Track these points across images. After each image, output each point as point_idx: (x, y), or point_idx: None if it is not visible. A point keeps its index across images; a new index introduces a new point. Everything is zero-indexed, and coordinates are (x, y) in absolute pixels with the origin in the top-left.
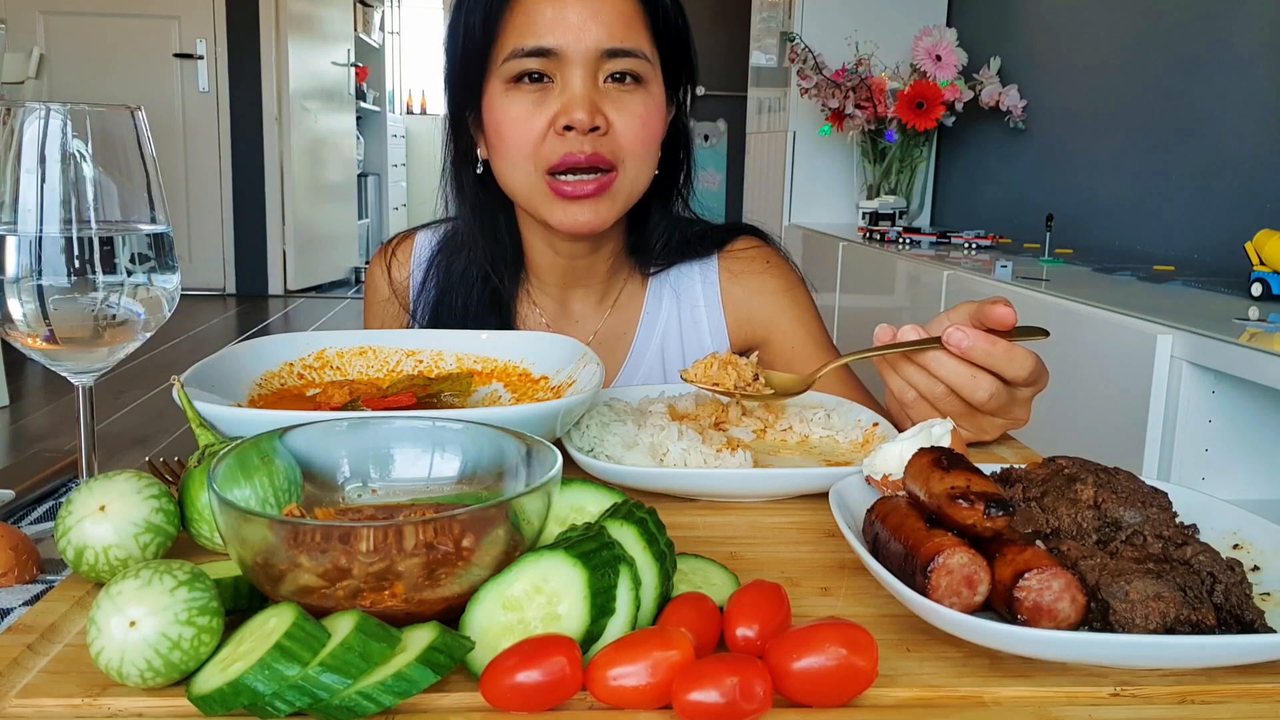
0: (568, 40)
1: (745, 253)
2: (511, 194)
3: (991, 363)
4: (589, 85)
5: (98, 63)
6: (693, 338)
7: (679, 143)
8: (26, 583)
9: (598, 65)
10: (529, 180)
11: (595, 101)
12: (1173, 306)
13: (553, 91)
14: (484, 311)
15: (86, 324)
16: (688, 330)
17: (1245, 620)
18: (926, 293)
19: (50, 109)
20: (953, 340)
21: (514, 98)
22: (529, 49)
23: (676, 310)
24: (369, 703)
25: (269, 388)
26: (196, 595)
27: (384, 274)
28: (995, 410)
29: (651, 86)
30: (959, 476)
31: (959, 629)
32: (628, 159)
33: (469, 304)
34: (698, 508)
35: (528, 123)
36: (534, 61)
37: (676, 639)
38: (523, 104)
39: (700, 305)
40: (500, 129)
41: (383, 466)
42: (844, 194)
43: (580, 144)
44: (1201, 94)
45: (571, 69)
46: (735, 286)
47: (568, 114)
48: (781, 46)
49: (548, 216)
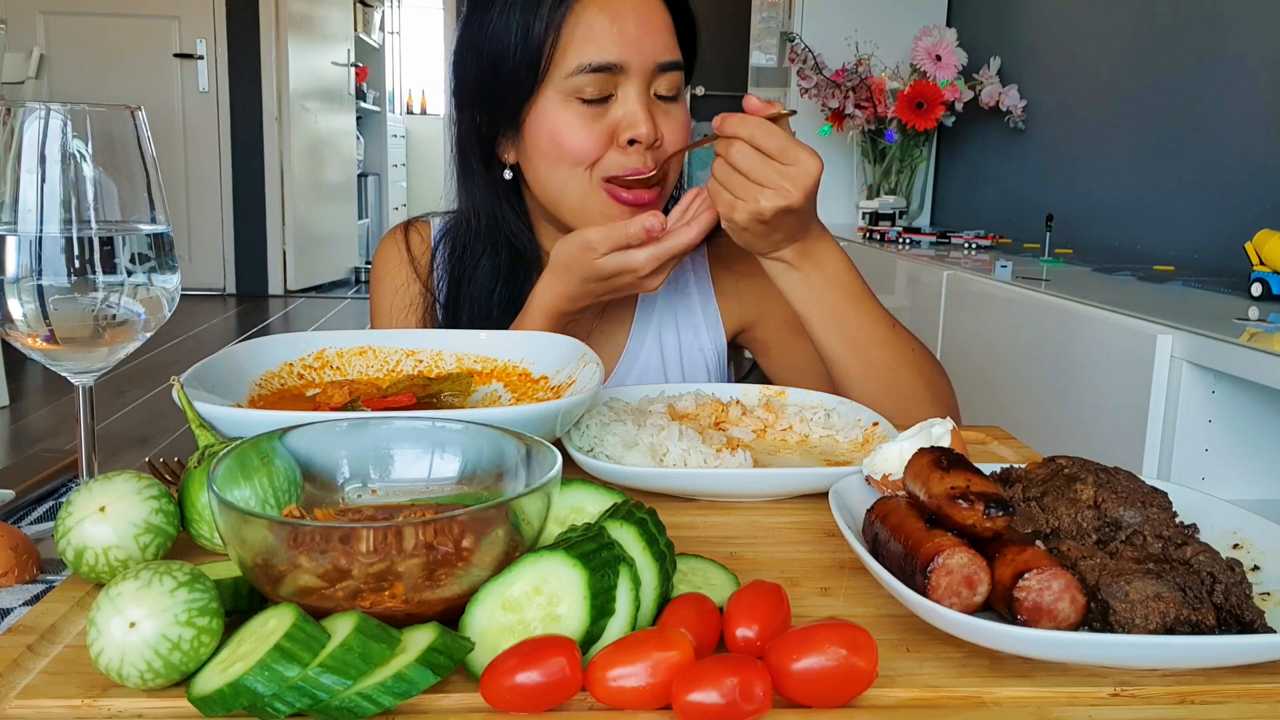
0: (629, 54)
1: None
2: (553, 200)
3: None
4: (646, 98)
5: (98, 63)
6: (688, 323)
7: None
8: (26, 583)
9: (652, 78)
10: (584, 189)
11: (654, 115)
12: (1173, 306)
13: (612, 103)
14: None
15: (86, 324)
16: (682, 315)
17: (1245, 620)
18: (926, 293)
19: (50, 109)
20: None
21: (574, 109)
22: (596, 64)
23: (671, 304)
24: (369, 704)
25: (269, 388)
26: (196, 596)
27: (400, 251)
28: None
29: (683, 94)
30: (959, 476)
31: (959, 629)
32: (671, 169)
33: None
34: (698, 508)
35: (588, 133)
36: (600, 77)
37: (676, 639)
38: (584, 116)
39: (694, 294)
40: (558, 138)
41: (383, 467)
42: (844, 194)
43: (644, 158)
44: (1201, 94)
45: (630, 83)
46: (726, 273)
47: (632, 129)
48: (781, 46)
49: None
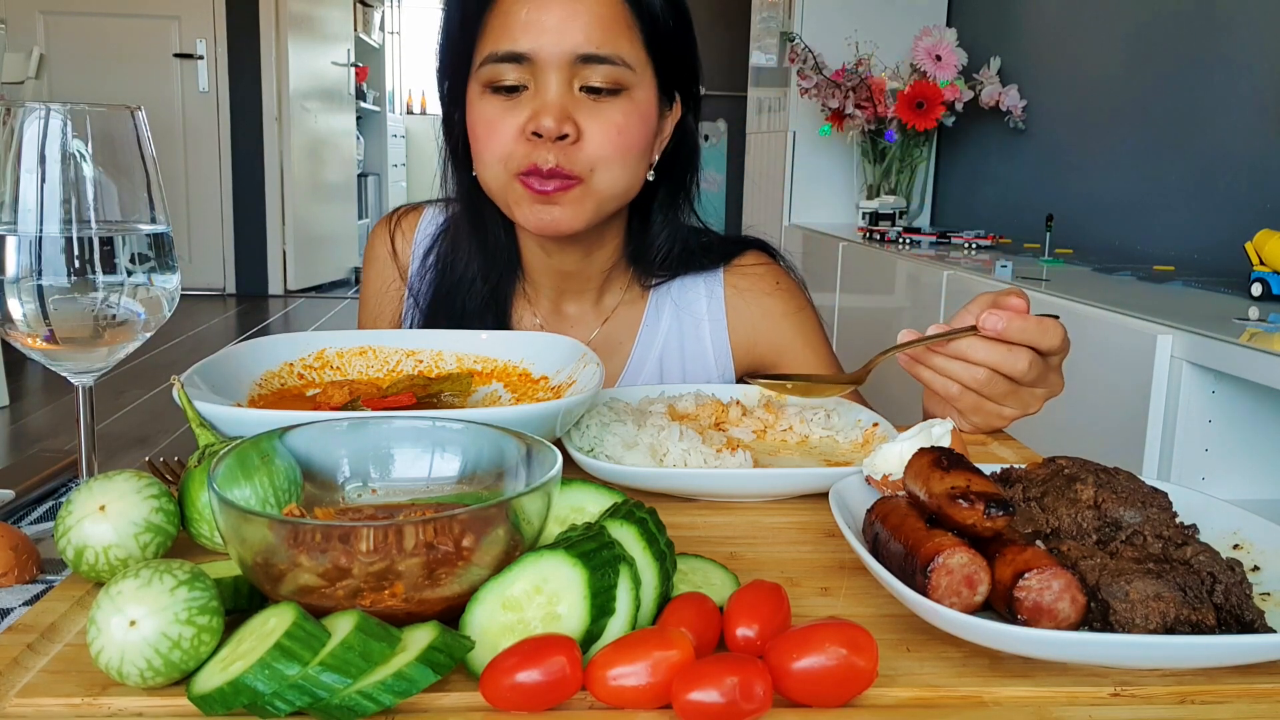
0: (542, 44)
1: (753, 269)
2: (491, 195)
3: (1026, 337)
4: (562, 91)
5: (98, 63)
6: (694, 352)
7: (682, 147)
8: (26, 582)
9: (572, 71)
10: (501, 182)
11: (566, 109)
12: (1173, 306)
13: (526, 95)
14: (481, 310)
15: (86, 324)
16: (689, 344)
17: (1245, 620)
18: (926, 293)
19: (50, 109)
20: (989, 324)
21: (489, 101)
22: (503, 53)
23: (678, 323)
24: (369, 702)
25: (269, 388)
26: (196, 595)
27: (386, 243)
28: (1035, 381)
29: (636, 93)
30: (959, 476)
31: (959, 629)
32: (599, 167)
33: (467, 303)
34: (698, 508)
35: (500, 127)
36: (509, 67)
37: (676, 639)
38: (496, 108)
39: (704, 319)
40: (475, 131)
41: (383, 466)
42: (844, 194)
43: (546, 153)
44: (1201, 94)
45: (545, 74)
46: (742, 304)
47: (536, 121)
48: (781, 46)
49: (519, 217)
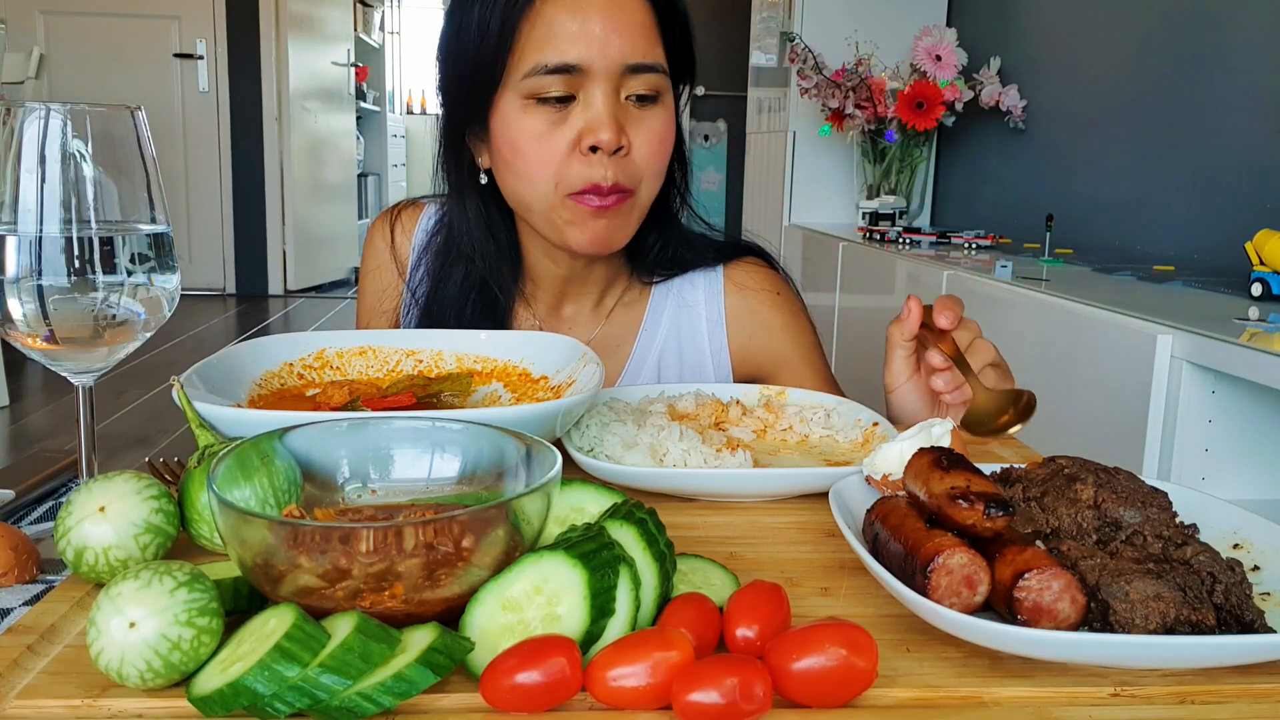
0: (592, 55)
1: (753, 275)
2: (523, 209)
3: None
4: (613, 102)
5: (98, 63)
6: (691, 353)
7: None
8: (26, 583)
9: (620, 81)
10: (548, 200)
11: (619, 120)
12: (1173, 306)
13: (574, 108)
14: (480, 317)
15: (86, 324)
16: (687, 345)
17: (1245, 620)
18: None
19: (50, 109)
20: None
21: (534, 114)
22: (553, 65)
23: (677, 324)
24: (369, 703)
25: (269, 388)
26: (196, 596)
27: (386, 236)
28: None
29: (665, 99)
30: (959, 476)
31: (959, 629)
32: (646, 177)
33: (463, 311)
34: (698, 508)
35: (549, 141)
36: (557, 79)
37: (676, 639)
38: (543, 121)
39: (702, 320)
40: (518, 146)
41: (382, 467)
42: (844, 194)
43: (604, 169)
44: (1201, 94)
45: (594, 85)
46: (742, 310)
47: (593, 134)
48: (781, 46)
49: (567, 239)
